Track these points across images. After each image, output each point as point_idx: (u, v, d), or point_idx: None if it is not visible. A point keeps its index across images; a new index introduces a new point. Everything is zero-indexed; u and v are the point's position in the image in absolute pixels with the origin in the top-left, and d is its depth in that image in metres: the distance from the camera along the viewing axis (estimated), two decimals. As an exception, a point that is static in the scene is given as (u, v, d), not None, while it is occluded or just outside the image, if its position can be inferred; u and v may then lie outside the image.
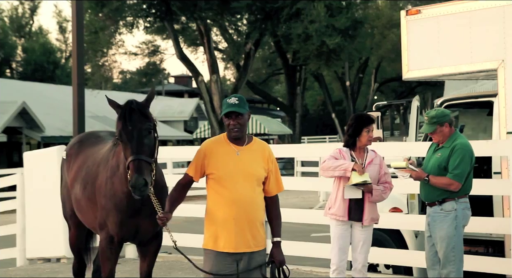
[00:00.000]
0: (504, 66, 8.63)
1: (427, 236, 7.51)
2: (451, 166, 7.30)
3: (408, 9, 9.69)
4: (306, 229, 14.82)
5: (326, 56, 38.29)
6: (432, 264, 7.50)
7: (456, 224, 7.31)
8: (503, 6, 8.69)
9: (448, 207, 7.33)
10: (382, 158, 7.72)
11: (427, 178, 7.30)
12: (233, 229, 5.71)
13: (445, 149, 7.40)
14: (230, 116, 5.76)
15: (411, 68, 9.53)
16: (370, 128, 7.52)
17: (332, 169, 7.38)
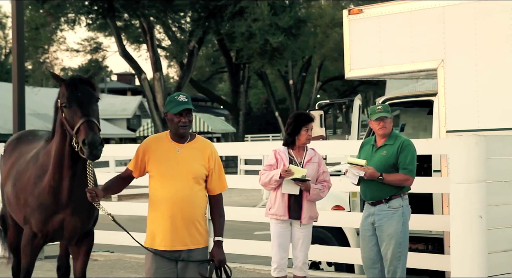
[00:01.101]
0: (443, 66, 8.76)
1: (369, 235, 7.53)
2: (403, 162, 7.36)
3: (351, 9, 9.77)
4: (249, 227, 14.86)
5: (269, 54, 38.44)
6: (373, 263, 7.56)
7: (403, 221, 7.40)
8: (443, 7, 8.82)
9: (395, 204, 7.40)
10: (321, 157, 7.79)
11: (381, 177, 7.34)
12: (169, 227, 5.68)
13: (390, 146, 7.45)
14: (182, 114, 5.72)
15: (354, 67, 9.61)
16: (309, 127, 7.56)
17: (268, 184, 7.50)
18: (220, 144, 14.99)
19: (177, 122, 5.73)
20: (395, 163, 7.38)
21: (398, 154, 7.37)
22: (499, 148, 6.01)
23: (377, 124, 7.50)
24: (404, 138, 7.50)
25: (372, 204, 7.49)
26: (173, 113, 5.72)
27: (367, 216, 7.53)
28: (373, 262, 7.55)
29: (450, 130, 8.59)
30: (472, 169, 5.69)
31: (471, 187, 5.67)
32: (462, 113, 8.61)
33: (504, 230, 5.99)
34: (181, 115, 5.71)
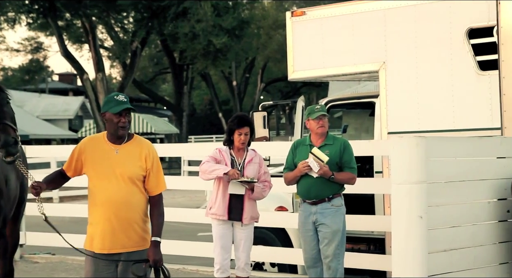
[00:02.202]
0: (385, 68, 8.87)
1: (311, 235, 7.59)
2: (347, 161, 7.54)
3: (293, 11, 9.82)
4: (192, 228, 14.80)
5: (213, 55, 38.41)
6: (315, 263, 7.62)
7: (343, 219, 7.53)
8: (384, 10, 8.93)
9: (337, 202, 7.52)
10: (261, 157, 7.84)
11: (333, 176, 7.45)
12: (107, 229, 5.62)
13: (331, 146, 7.55)
14: (121, 114, 5.65)
15: (297, 69, 9.66)
16: (243, 131, 7.57)
17: (208, 172, 7.49)
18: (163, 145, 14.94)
19: (116, 123, 5.65)
20: (337, 162, 7.51)
21: (341, 153, 7.50)
22: (439, 149, 6.10)
23: (316, 123, 7.62)
24: (342, 138, 7.71)
25: (313, 203, 7.55)
26: (112, 113, 5.64)
27: (308, 215, 7.58)
28: (315, 261, 7.61)
29: (392, 131, 8.71)
30: (412, 170, 5.77)
31: (412, 188, 5.74)
32: (403, 115, 8.72)
33: (444, 230, 6.08)
34: (121, 115, 5.64)
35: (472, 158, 6.49)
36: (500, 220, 6.49)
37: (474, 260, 6.29)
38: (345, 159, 7.53)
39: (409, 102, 8.68)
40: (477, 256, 6.32)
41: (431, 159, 5.89)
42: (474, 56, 8.25)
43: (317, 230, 7.56)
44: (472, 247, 6.29)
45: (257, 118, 10.00)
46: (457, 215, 6.25)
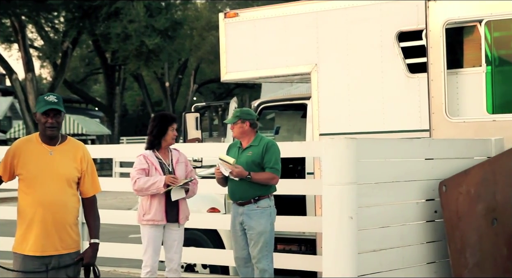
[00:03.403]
0: (317, 70, 8.94)
1: (240, 235, 7.60)
2: (269, 161, 7.53)
3: (227, 12, 9.83)
4: (124, 230, 14.66)
5: (145, 56, 38.15)
6: (245, 263, 7.65)
7: (271, 220, 7.55)
8: (316, 12, 9.00)
9: (264, 204, 7.54)
10: (185, 156, 7.84)
11: (249, 176, 7.45)
12: (40, 231, 5.52)
13: (255, 147, 7.61)
14: (49, 114, 5.57)
15: (229, 70, 9.67)
16: (174, 126, 7.60)
17: (146, 189, 7.41)
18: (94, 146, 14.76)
19: (44, 123, 5.56)
20: (260, 162, 7.55)
21: (263, 154, 7.54)
22: (370, 151, 6.17)
23: (231, 127, 7.73)
24: (268, 139, 7.73)
25: (240, 204, 7.58)
26: (40, 113, 5.57)
27: (236, 216, 7.62)
28: (245, 261, 7.64)
29: (323, 133, 8.78)
30: (343, 171, 5.82)
31: (343, 189, 5.80)
32: (334, 117, 8.81)
33: (373, 231, 6.16)
34: (48, 115, 5.55)
35: (402, 159, 6.59)
36: (428, 220, 6.61)
37: (402, 260, 6.39)
38: (266, 159, 7.55)
39: (341, 104, 8.78)
40: (406, 255, 6.42)
41: (362, 160, 5.96)
42: (404, 59, 8.38)
43: (245, 231, 7.58)
44: (401, 247, 6.39)
45: (189, 119, 9.98)
46: (386, 215, 6.34)
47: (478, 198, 6.43)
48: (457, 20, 7.83)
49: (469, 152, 7.07)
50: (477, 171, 6.51)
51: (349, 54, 8.76)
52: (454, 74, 7.88)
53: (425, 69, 7.97)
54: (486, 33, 7.73)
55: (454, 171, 6.48)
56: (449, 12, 7.80)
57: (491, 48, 7.81)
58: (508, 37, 8.06)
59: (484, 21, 7.68)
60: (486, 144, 7.19)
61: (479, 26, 7.73)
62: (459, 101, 7.87)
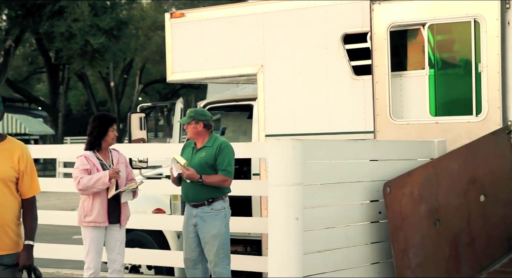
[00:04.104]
0: (263, 71, 8.97)
1: (192, 237, 7.55)
2: (221, 163, 7.44)
3: (173, 12, 9.80)
4: (68, 231, 14.49)
5: (90, 56, 37.77)
6: (194, 264, 7.60)
7: (226, 222, 7.50)
8: (262, 14, 9.03)
9: (217, 206, 7.48)
10: (125, 156, 7.78)
11: (201, 179, 7.39)
12: None
13: (209, 148, 7.53)
14: None
15: (175, 71, 9.64)
16: (114, 127, 7.55)
17: (91, 187, 7.33)
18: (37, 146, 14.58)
19: None
20: (213, 164, 7.47)
21: (216, 155, 7.47)
22: (315, 152, 6.21)
23: (186, 128, 7.67)
24: (222, 140, 7.63)
25: (194, 206, 7.53)
26: None
27: (189, 217, 7.56)
28: (194, 263, 7.59)
29: (269, 134, 8.81)
30: (289, 172, 5.85)
31: (289, 190, 5.83)
32: (280, 118, 8.85)
33: (319, 232, 6.20)
34: None
35: (347, 161, 6.65)
36: (372, 221, 6.67)
37: (347, 260, 6.45)
38: (219, 161, 7.48)
39: (286, 106, 8.81)
40: (351, 256, 6.48)
41: (308, 161, 6.00)
42: (349, 61, 8.45)
43: (198, 233, 7.53)
44: (346, 248, 6.44)
45: (134, 120, 9.92)
46: (332, 216, 6.39)
47: (421, 199, 6.52)
48: (401, 23, 7.93)
49: (412, 154, 7.16)
50: (420, 172, 6.60)
51: (295, 55, 8.80)
52: (398, 77, 7.99)
53: (369, 72, 8.05)
54: (429, 37, 7.85)
55: (398, 172, 6.56)
56: (393, 15, 7.90)
57: (434, 51, 7.94)
58: (451, 41, 8.20)
59: (427, 24, 7.79)
60: (429, 145, 7.29)
61: (422, 29, 7.84)
62: (403, 104, 7.97)
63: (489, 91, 7.45)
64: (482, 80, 7.49)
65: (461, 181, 6.88)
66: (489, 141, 7.19)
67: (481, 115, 7.50)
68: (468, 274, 6.76)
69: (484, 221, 7.00)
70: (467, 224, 6.85)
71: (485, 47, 7.47)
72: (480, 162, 7.06)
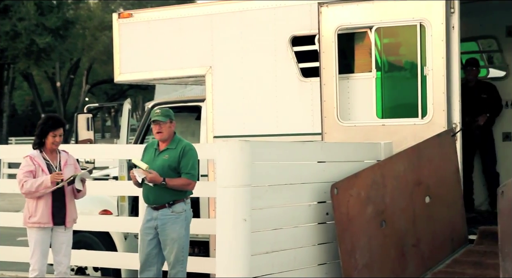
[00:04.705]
0: (211, 73, 8.96)
1: (149, 239, 7.45)
2: (185, 166, 7.33)
3: (120, 12, 9.74)
4: (12, 232, 14.29)
5: (36, 55, 37.30)
6: (149, 266, 7.52)
7: (186, 225, 7.43)
8: (211, 15, 9.02)
9: (178, 208, 7.39)
10: (74, 158, 7.69)
11: (164, 182, 7.30)
12: None
13: (172, 150, 7.41)
14: None
15: (123, 71, 9.58)
16: (57, 133, 7.41)
17: (34, 191, 7.26)
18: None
19: None
20: (176, 167, 7.37)
21: (180, 158, 7.38)
22: (264, 153, 6.23)
23: (154, 128, 7.47)
24: (186, 143, 7.47)
25: (155, 208, 7.43)
26: None
27: (149, 220, 7.45)
28: (149, 265, 7.52)
29: (217, 135, 8.81)
30: (237, 173, 5.86)
31: (237, 191, 5.84)
32: (228, 119, 8.85)
33: (266, 233, 6.22)
34: None
35: (295, 162, 6.68)
36: (319, 222, 6.72)
37: (294, 261, 6.48)
38: (182, 164, 7.38)
39: (235, 107, 8.82)
40: (298, 257, 6.52)
41: (256, 162, 6.01)
42: (297, 63, 8.50)
43: (158, 235, 7.45)
44: (293, 249, 6.48)
45: (81, 120, 9.83)
46: (279, 217, 6.41)
47: (368, 201, 6.59)
48: (349, 26, 8.00)
49: (359, 155, 7.23)
50: (367, 174, 6.66)
51: (243, 57, 8.81)
52: (346, 79, 8.06)
53: (317, 74, 8.11)
54: (376, 40, 7.93)
55: (345, 174, 6.61)
56: (341, 18, 7.97)
57: (381, 55, 8.03)
58: (397, 44, 8.31)
59: (374, 27, 7.88)
60: (376, 147, 7.37)
61: (369, 32, 7.93)
62: (350, 106, 8.05)
63: (434, 94, 7.56)
64: (427, 84, 7.60)
65: (407, 183, 6.97)
66: (434, 143, 7.29)
67: (426, 118, 7.60)
68: (413, 275, 6.85)
69: (429, 222, 7.10)
70: (412, 225, 6.94)
71: (430, 51, 7.57)
72: (425, 164, 7.16)
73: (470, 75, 9.48)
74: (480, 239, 7.46)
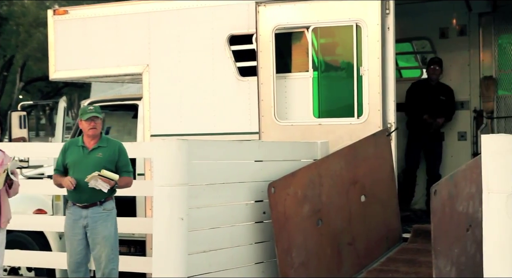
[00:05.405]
0: (148, 71, 8.91)
1: (79, 239, 7.39)
2: (125, 165, 7.41)
3: (56, 9, 9.62)
4: None
5: (-33, 51, 36.56)
6: (78, 267, 7.46)
7: (115, 223, 7.42)
8: (148, 13, 8.98)
9: (109, 206, 7.38)
10: (9, 156, 7.57)
11: (117, 184, 7.27)
12: None
13: (105, 148, 7.36)
14: None
15: (59, 69, 9.46)
16: None
17: None
18: None
19: None
20: (110, 165, 7.33)
21: (117, 156, 7.37)
22: (201, 152, 6.22)
23: (87, 125, 7.39)
24: (116, 141, 7.54)
25: (85, 207, 7.36)
26: None
27: (78, 219, 7.37)
28: (78, 266, 7.46)
29: (154, 134, 8.77)
30: (174, 172, 5.84)
31: (174, 190, 5.82)
32: (166, 118, 8.82)
33: (204, 232, 6.21)
34: None
35: (232, 161, 6.69)
36: (257, 221, 6.74)
37: (232, 260, 6.49)
38: (122, 162, 7.39)
39: (172, 106, 8.79)
40: (235, 256, 6.52)
41: (193, 161, 6.00)
42: (235, 62, 8.51)
43: (87, 234, 7.39)
44: (230, 248, 6.48)
45: (14, 118, 9.68)
46: (217, 216, 6.41)
47: (305, 199, 6.63)
48: (286, 25, 8.04)
49: (296, 154, 7.28)
50: (304, 173, 6.71)
51: (181, 55, 8.79)
52: (283, 79, 8.10)
53: (255, 73, 8.13)
54: (313, 39, 7.99)
55: (283, 173, 6.64)
56: (278, 17, 8.01)
57: (317, 54, 8.09)
58: (334, 44, 8.39)
59: (311, 27, 7.93)
60: (313, 146, 7.43)
61: (306, 32, 7.98)
62: (288, 105, 8.09)
63: (370, 94, 7.65)
64: (363, 84, 7.69)
65: (343, 182, 7.04)
66: (370, 142, 7.38)
67: (362, 117, 7.69)
68: (349, 273, 6.92)
69: (364, 221, 7.18)
70: (348, 223, 7.01)
71: (366, 51, 7.66)
72: (361, 163, 7.24)
73: (434, 74, 9.59)
74: (413, 237, 7.58)
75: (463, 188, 5.77)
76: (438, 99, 9.53)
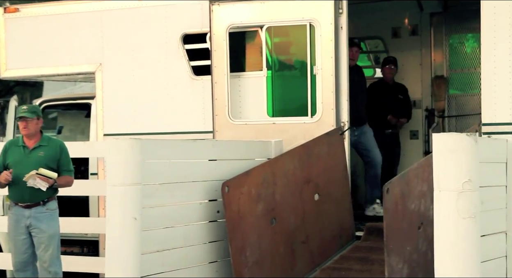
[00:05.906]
0: (101, 70, 8.85)
1: (23, 239, 7.33)
2: (66, 164, 7.34)
3: (6, 7, 9.50)
4: None
5: None
6: (25, 267, 7.38)
7: (58, 223, 7.36)
8: (101, 11, 8.91)
9: (52, 206, 7.32)
10: None
11: (56, 183, 7.20)
12: None
13: (46, 147, 7.31)
14: None
15: (9, 67, 9.35)
16: None
17: None
18: None
19: None
20: (52, 164, 7.28)
21: (59, 155, 7.32)
22: (155, 152, 6.19)
23: (20, 124, 7.39)
24: (57, 140, 7.50)
25: (27, 207, 7.29)
26: None
27: (21, 219, 7.30)
28: (24, 265, 7.38)
29: (108, 133, 8.70)
30: (128, 171, 5.81)
31: (127, 189, 5.78)
32: (119, 117, 8.76)
33: (157, 231, 6.19)
34: None
35: (186, 160, 6.67)
36: (211, 220, 6.73)
37: (186, 260, 6.47)
38: (63, 162, 7.35)
39: (126, 105, 8.74)
40: (189, 255, 6.51)
41: (147, 161, 5.97)
42: (189, 61, 8.48)
43: (31, 234, 7.31)
44: (184, 247, 6.47)
45: None
46: (170, 216, 6.39)
47: (259, 198, 6.64)
48: (240, 25, 8.05)
49: (250, 154, 7.29)
50: (258, 172, 6.72)
51: (134, 54, 8.74)
52: (237, 78, 8.10)
53: (209, 72, 8.12)
54: (267, 39, 8.01)
55: (236, 171, 6.65)
56: (232, 16, 8.01)
57: (271, 53, 8.11)
58: (287, 43, 8.42)
59: (265, 27, 7.95)
60: (267, 145, 7.44)
61: (260, 31, 8.00)
62: (242, 104, 8.10)
63: (323, 93, 7.70)
64: (317, 83, 7.72)
65: (297, 180, 7.06)
66: (323, 141, 7.42)
67: (316, 116, 7.73)
68: (302, 271, 6.95)
69: (318, 220, 7.22)
70: (302, 222, 7.04)
71: (319, 50, 7.70)
72: (314, 161, 7.28)
73: (390, 73, 9.61)
74: (366, 235, 7.64)
75: (415, 186, 5.84)
76: (397, 99, 9.60)
